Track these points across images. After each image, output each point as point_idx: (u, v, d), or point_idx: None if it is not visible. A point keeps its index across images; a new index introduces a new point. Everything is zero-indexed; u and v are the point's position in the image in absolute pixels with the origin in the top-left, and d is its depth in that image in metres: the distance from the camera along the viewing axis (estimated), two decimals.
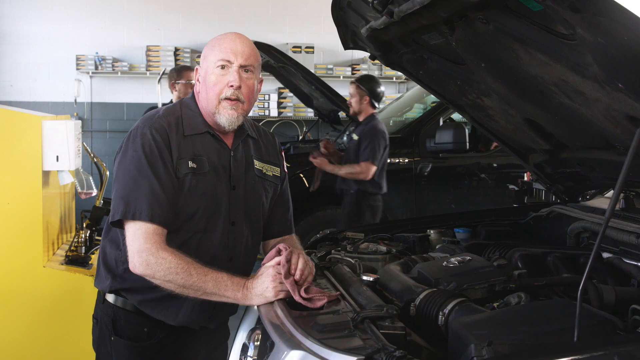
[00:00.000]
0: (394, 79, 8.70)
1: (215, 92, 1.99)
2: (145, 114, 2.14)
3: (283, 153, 2.27)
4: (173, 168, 1.94)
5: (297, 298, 1.79)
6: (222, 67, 1.98)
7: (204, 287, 1.83)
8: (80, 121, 4.15)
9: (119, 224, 1.95)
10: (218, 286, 1.83)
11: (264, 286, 1.82)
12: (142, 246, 1.87)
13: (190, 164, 1.97)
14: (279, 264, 1.85)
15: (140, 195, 1.90)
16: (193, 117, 2.05)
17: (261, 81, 2.11)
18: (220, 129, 2.04)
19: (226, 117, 1.99)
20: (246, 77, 2.00)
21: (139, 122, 2.02)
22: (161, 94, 7.09)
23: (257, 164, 2.13)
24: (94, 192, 3.96)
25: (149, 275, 1.86)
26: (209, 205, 1.99)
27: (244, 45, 2.00)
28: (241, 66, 1.98)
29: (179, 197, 1.95)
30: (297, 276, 1.83)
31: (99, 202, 3.78)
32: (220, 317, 2.12)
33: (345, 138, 5.58)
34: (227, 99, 1.98)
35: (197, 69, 2.07)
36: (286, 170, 2.25)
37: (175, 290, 1.86)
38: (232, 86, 1.97)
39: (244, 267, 2.07)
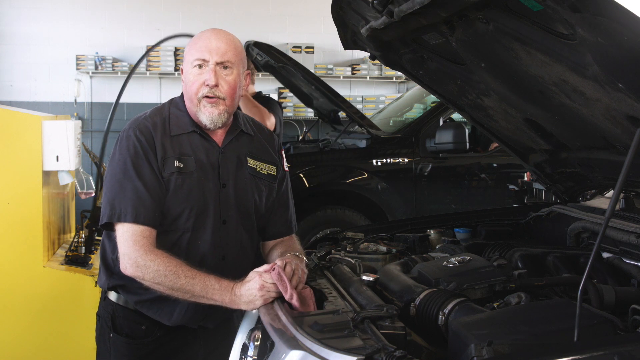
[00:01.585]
0: (394, 79, 8.69)
1: (193, 91, 1.99)
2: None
3: (283, 152, 2.25)
4: (158, 168, 1.95)
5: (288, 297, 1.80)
6: (199, 66, 1.98)
7: (192, 290, 1.82)
8: (80, 121, 4.16)
9: (109, 226, 1.97)
10: (206, 289, 1.82)
11: (253, 294, 1.80)
12: (131, 249, 1.88)
13: (176, 163, 1.97)
14: (267, 271, 1.84)
15: (125, 198, 1.91)
16: (180, 117, 2.05)
17: (248, 74, 2.09)
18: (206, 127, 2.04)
19: (207, 115, 1.99)
20: (225, 73, 1.99)
21: (126, 125, 2.03)
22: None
23: (251, 162, 2.11)
24: (94, 192, 3.96)
25: (139, 277, 1.87)
26: (196, 204, 1.98)
27: (219, 41, 1.99)
28: (217, 63, 1.97)
29: (165, 197, 1.95)
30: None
31: (99, 202, 3.78)
32: (217, 316, 2.10)
33: None
34: (205, 97, 1.98)
35: (181, 69, 2.07)
36: (287, 169, 2.23)
37: (165, 293, 1.86)
38: (208, 85, 1.97)
39: (239, 265, 2.05)
